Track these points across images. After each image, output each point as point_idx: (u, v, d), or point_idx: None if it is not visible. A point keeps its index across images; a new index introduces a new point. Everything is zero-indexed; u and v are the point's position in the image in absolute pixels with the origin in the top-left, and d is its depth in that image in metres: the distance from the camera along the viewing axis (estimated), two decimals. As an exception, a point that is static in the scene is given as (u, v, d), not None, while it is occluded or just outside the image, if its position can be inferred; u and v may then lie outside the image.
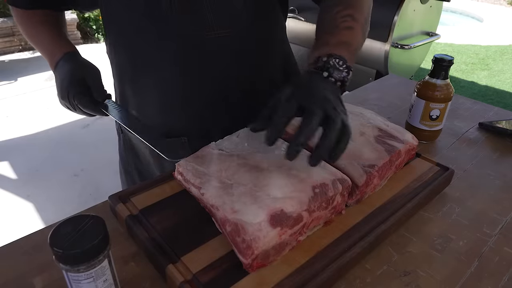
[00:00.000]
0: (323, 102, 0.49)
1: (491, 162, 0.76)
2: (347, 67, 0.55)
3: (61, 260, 0.37)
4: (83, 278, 0.38)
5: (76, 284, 0.39)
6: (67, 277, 0.38)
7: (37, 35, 0.75)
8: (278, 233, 0.46)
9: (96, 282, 0.39)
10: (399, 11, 2.18)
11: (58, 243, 0.37)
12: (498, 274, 0.51)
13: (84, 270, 0.38)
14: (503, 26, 5.36)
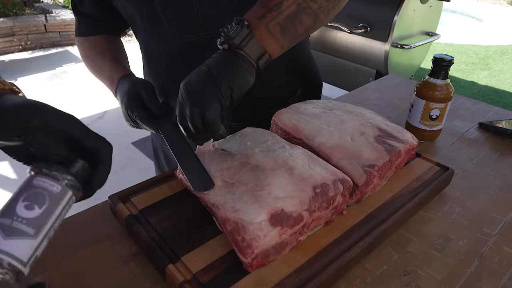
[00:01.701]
0: (183, 97, 0.52)
1: (491, 162, 0.76)
2: (238, 24, 0.52)
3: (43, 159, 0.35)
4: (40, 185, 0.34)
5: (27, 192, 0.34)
6: (27, 181, 0.35)
7: (99, 65, 0.81)
8: (278, 233, 0.46)
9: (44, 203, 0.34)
10: (399, 11, 2.18)
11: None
12: (498, 274, 0.51)
13: (53, 178, 0.35)
14: (503, 26, 5.36)
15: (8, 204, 0.32)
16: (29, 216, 0.32)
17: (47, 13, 4.30)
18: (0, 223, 0.30)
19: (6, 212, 0.31)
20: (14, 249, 0.30)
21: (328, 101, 0.76)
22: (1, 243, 0.30)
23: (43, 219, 0.33)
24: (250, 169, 0.54)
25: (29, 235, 0.31)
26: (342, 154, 0.59)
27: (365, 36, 2.32)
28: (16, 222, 0.31)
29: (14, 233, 0.30)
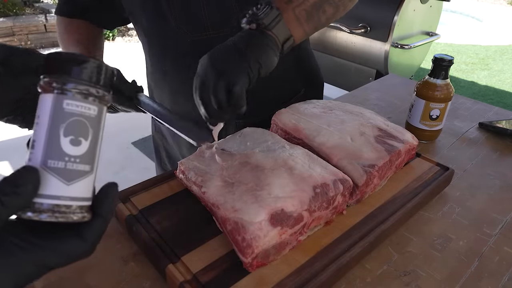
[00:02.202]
0: (209, 74, 0.51)
1: (491, 162, 0.76)
2: (266, 5, 0.53)
3: (64, 69, 0.28)
4: (79, 109, 0.29)
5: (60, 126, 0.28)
6: (53, 107, 0.28)
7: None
8: (278, 233, 0.46)
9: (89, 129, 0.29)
10: (399, 11, 2.18)
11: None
12: (498, 274, 0.51)
13: (86, 96, 0.29)
14: (503, 26, 5.36)
15: (47, 140, 0.28)
16: (79, 153, 0.29)
17: (47, 13, 4.30)
18: (54, 167, 0.28)
19: (53, 153, 0.28)
20: (78, 191, 0.29)
21: (328, 101, 0.76)
22: (65, 189, 0.28)
23: (92, 150, 0.30)
24: (250, 169, 0.54)
25: (87, 172, 0.29)
26: (342, 154, 0.59)
27: (365, 36, 2.32)
28: (69, 163, 0.28)
29: (73, 176, 0.28)
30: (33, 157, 0.28)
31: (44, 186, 0.27)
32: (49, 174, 0.27)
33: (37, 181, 0.26)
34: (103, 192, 0.31)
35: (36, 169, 0.27)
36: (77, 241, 0.28)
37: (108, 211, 0.30)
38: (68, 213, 0.28)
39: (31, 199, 0.26)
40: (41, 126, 0.28)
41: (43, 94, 0.29)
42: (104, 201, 0.30)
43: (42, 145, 0.28)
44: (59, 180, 0.28)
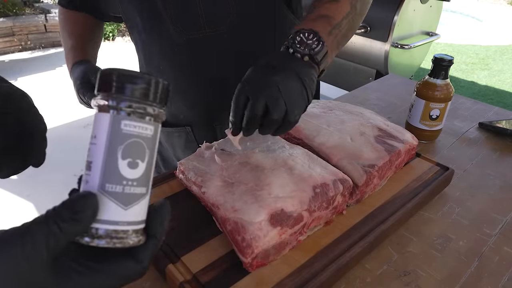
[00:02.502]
0: (267, 88, 0.49)
1: (491, 162, 0.76)
2: (318, 39, 0.54)
3: (121, 88, 0.27)
4: (136, 129, 0.27)
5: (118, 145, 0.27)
6: (111, 128, 0.27)
7: (66, 45, 0.84)
8: (278, 233, 0.46)
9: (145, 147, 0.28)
10: (399, 11, 2.18)
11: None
12: (498, 274, 0.51)
13: (142, 115, 0.27)
14: (503, 26, 5.36)
15: (105, 163, 0.27)
16: (136, 176, 0.28)
17: (47, 13, 4.30)
18: (112, 192, 0.27)
19: (111, 177, 0.27)
20: (134, 215, 0.28)
21: (328, 101, 0.76)
22: (123, 214, 0.27)
23: (148, 171, 0.29)
24: (250, 169, 0.54)
25: (143, 195, 0.28)
26: (342, 154, 0.59)
27: (365, 36, 2.32)
28: (127, 187, 0.27)
29: (130, 201, 0.27)
30: (90, 179, 0.27)
31: (102, 211, 0.27)
32: (106, 198, 0.27)
33: (95, 207, 0.26)
34: (157, 213, 0.30)
35: (94, 194, 0.26)
36: (132, 263, 0.28)
37: (162, 233, 0.30)
38: (124, 238, 0.27)
39: (89, 225, 0.26)
40: (98, 147, 0.27)
41: (100, 113, 0.28)
42: (158, 222, 0.30)
43: (99, 168, 0.27)
44: (116, 205, 0.27)
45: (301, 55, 0.54)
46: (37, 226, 0.24)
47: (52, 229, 0.24)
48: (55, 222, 0.24)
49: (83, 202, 0.25)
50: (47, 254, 0.24)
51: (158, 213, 0.30)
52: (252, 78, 0.52)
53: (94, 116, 0.28)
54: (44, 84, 3.32)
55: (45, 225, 0.24)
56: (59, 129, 2.63)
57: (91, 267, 0.26)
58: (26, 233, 0.23)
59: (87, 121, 2.65)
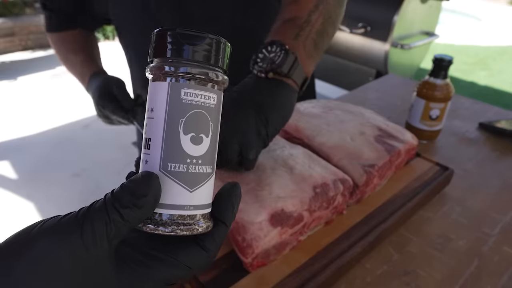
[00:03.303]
0: (225, 132, 0.45)
1: (491, 162, 0.76)
2: (280, 49, 0.48)
3: (179, 50, 0.23)
4: (200, 98, 0.24)
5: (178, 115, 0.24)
6: (170, 99, 0.24)
7: (71, 61, 0.82)
8: (278, 233, 0.46)
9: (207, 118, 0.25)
10: (399, 11, 2.18)
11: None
12: (497, 273, 0.51)
13: (205, 81, 0.24)
14: (503, 26, 5.36)
15: (166, 139, 0.24)
16: (201, 153, 0.24)
17: (47, 13, 4.30)
18: (175, 171, 0.24)
19: (173, 155, 0.24)
20: (201, 198, 0.25)
21: (328, 101, 0.76)
22: (188, 197, 0.24)
23: (213, 147, 0.25)
24: (250, 169, 0.54)
25: (209, 174, 0.25)
26: (342, 154, 0.60)
27: (365, 36, 2.32)
28: (192, 165, 0.24)
29: (196, 181, 0.24)
30: (150, 159, 0.24)
31: (166, 194, 0.24)
32: (170, 180, 0.24)
33: (158, 191, 0.23)
34: (227, 196, 0.27)
35: (156, 176, 0.23)
36: (200, 252, 0.25)
37: (231, 219, 0.27)
38: (192, 224, 0.24)
39: (152, 211, 0.23)
40: (156, 122, 0.24)
41: (155, 82, 0.24)
42: (228, 207, 0.27)
43: (159, 145, 0.24)
44: (181, 187, 0.24)
45: (264, 73, 0.48)
46: (96, 213, 0.22)
47: (112, 216, 0.21)
48: (115, 208, 0.21)
49: (145, 185, 0.22)
50: (108, 244, 0.22)
51: (228, 196, 0.27)
52: (226, 122, 0.46)
53: (149, 87, 0.25)
54: (44, 84, 3.32)
55: (104, 212, 0.21)
56: (59, 129, 2.64)
57: (155, 257, 0.24)
58: (85, 221, 0.21)
59: (87, 121, 2.66)
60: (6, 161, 2.31)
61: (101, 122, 0.80)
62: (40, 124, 2.69)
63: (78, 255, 0.21)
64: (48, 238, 0.21)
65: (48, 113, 2.81)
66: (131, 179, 0.23)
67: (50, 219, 0.22)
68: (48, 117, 2.77)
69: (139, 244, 0.24)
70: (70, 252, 0.21)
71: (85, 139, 2.53)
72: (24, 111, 2.88)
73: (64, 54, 0.83)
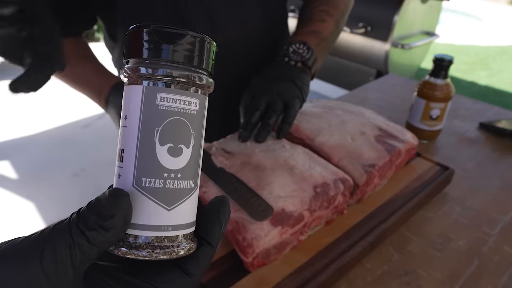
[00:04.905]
0: (272, 92, 0.60)
1: (491, 162, 0.76)
2: (307, 48, 0.65)
3: (156, 50, 0.21)
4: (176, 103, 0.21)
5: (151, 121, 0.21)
6: (144, 105, 0.21)
7: (79, 73, 0.71)
8: (279, 232, 0.46)
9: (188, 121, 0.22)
10: (400, 11, 2.18)
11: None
12: (498, 273, 0.51)
13: (185, 85, 0.21)
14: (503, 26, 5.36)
15: (140, 150, 0.21)
16: (181, 165, 0.21)
17: (47, 13, 4.29)
18: (150, 187, 0.21)
19: (148, 168, 0.21)
20: (182, 216, 0.22)
21: (328, 101, 0.76)
22: (166, 216, 0.21)
23: (195, 158, 0.22)
24: (251, 169, 0.54)
25: (191, 190, 0.22)
26: (342, 154, 0.60)
27: (365, 35, 2.32)
28: (170, 180, 0.21)
29: (175, 198, 0.21)
30: (123, 173, 0.21)
31: (140, 213, 0.21)
32: (144, 197, 0.21)
33: (128, 211, 0.20)
34: (214, 213, 0.24)
35: (125, 194, 0.20)
36: (182, 277, 0.22)
37: (219, 238, 0.24)
38: (171, 247, 0.21)
39: (123, 233, 0.20)
40: (130, 131, 0.21)
41: (130, 86, 0.22)
42: (216, 225, 0.24)
43: (133, 157, 0.21)
44: (158, 205, 0.21)
45: (294, 62, 0.65)
46: (59, 235, 0.19)
47: (77, 239, 0.19)
48: (79, 230, 0.19)
49: (112, 204, 0.20)
50: (73, 270, 0.19)
51: (215, 212, 0.24)
52: (255, 85, 0.63)
53: (123, 92, 0.22)
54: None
55: (68, 234, 0.19)
56: (59, 129, 2.64)
57: (130, 283, 0.21)
58: (46, 244, 0.19)
59: (87, 121, 2.66)
60: (6, 161, 2.31)
61: (101, 123, 0.77)
62: (40, 124, 2.69)
63: (37, 283, 0.18)
64: (3, 264, 0.18)
65: (48, 113, 2.82)
66: (98, 197, 0.20)
67: (11, 241, 0.19)
68: (48, 117, 2.77)
69: (112, 269, 0.22)
70: (28, 280, 0.18)
71: (85, 139, 2.53)
72: (24, 111, 2.88)
73: (69, 67, 0.70)
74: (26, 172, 2.22)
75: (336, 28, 0.74)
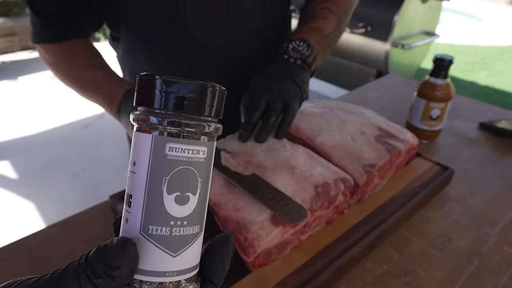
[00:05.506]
0: (272, 91, 0.60)
1: (491, 162, 0.76)
2: (307, 45, 0.65)
3: (165, 100, 0.21)
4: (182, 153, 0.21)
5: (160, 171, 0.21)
6: (153, 154, 0.21)
7: (88, 78, 0.70)
8: (280, 232, 0.47)
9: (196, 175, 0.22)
10: (400, 11, 2.18)
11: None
12: (498, 273, 0.51)
13: (194, 135, 0.22)
14: (503, 26, 5.36)
15: (147, 198, 0.22)
16: (187, 213, 0.22)
17: (47, 13, 4.29)
18: (157, 235, 0.21)
19: (155, 217, 0.21)
20: (186, 261, 0.22)
21: (328, 101, 0.76)
22: (171, 262, 0.22)
23: (202, 205, 0.23)
24: (251, 169, 0.54)
25: (196, 235, 0.23)
26: (342, 154, 0.60)
27: (365, 35, 2.32)
28: (176, 228, 0.22)
29: (180, 245, 0.22)
30: (130, 218, 0.22)
31: (146, 260, 0.21)
32: (151, 244, 0.21)
33: (135, 261, 0.21)
34: (217, 253, 0.24)
35: (132, 244, 0.21)
36: None
37: (222, 277, 0.24)
38: None
39: (128, 280, 0.21)
40: (138, 178, 0.22)
41: (139, 132, 0.22)
42: (218, 264, 0.24)
43: (140, 205, 0.21)
44: (163, 252, 0.22)
45: (294, 60, 0.65)
46: (68, 279, 0.20)
47: (84, 286, 0.20)
48: (87, 277, 0.20)
49: (119, 255, 0.20)
50: None
51: (218, 252, 0.24)
52: (255, 84, 0.63)
53: (133, 137, 0.22)
54: (44, 84, 3.32)
55: (76, 280, 0.20)
56: (59, 129, 2.64)
57: None
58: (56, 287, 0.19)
59: (87, 121, 2.66)
60: (6, 161, 2.31)
61: (101, 123, 0.77)
62: (40, 124, 2.69)
63: None
64: None
65: (48, 113, 2.82)
66: (106, 244, 0.21)
67: (24, 281, 0.20)
68: (48, 117, 2.77)
69: None
70: None
71: (85, 139, 2.53)
72: (24, 111, 2.88)
73: (74, 69, 0.70)
74: (26, 172, 2.22)
75: (338, 26, 0.74)
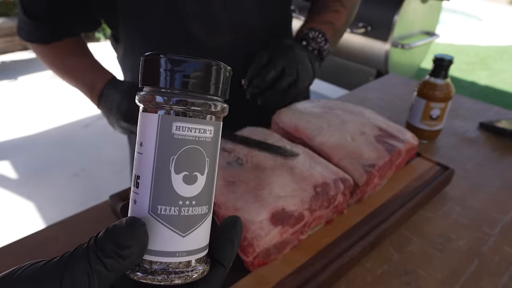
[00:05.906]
0: (290, 58, 0.62)
1: (491, 162, 0.76)
2: (325, 39, 0.68)
3: (171, 79, 0.21)
4: (193, 132, 0.21)
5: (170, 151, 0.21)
6: (159, 133, 0.21)
7: (73, 68, 0.71)
8: (279, 232, 0.46)
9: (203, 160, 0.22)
10: (400, 11, 2.18)
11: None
12: (498, 273, 0.51)
13: (201, 113, 0.22)
14: (503, 26, 5.36)
15: (155, 178, 0.21)
16: (195, 193, 0.22)
17: (47, 13, 4.29)
18: (165, 215, 0.21)
19: (163, 197, 0.21)
20: (196, 242, 0.22)
21: (328, 101, 0.76)
22: (181, 242, 0.22)
23: (209, 185, 0.23)
24: (251, 168, 0.54)
25: (205, 215, 0.23)
26: (342, 154, 0.60)
27: (365, 35, 2.32)
28: (184, 207, 0.22)
29: (189, 225, 0.22)
30: (138, 199, 0.22)
31: (156, 240, 0.21)
32: (160, 224, 0.21)
33: (144, 240, 0.21)
34: (226, 234, 0.24)
35: (142, 224, 0.21)
36: None
37: (231, 259, 0.24)
38: (185, 271, 0.22)
39: (139, 260, 0.21)
40: (145, 158, 0.21)
41: (145, 113, 0.22)
42: (228, 247, 0.24)
43: (148, 185, 0.21)
44: (173, 232, 0.22)
45: (312, 49, 0.67)
46: (77, 261, 0.20)
47: (95, 266, 0.20)
48: (98, 258, 0.20)
49: (129, 235, 0.20)
50: None
51: (227, 234, 0.24)
52: (275, 45, 0.64)
53: (139, 118, 0.22)
54: (44, 84, 3.32)
55: (87, 261, 0.20)
56: (59, 129, 2.64)
57: None
58: (66, 271, 0.19)
59: (87, 121, 2.66)
60: (6, 161, 2.31)
61: (101, 123, 0.78)
62: (40, 124, 2.69)
63: None
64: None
65: (48, 113, 2.82)
66: (115, 225, 0.21)
67: (32, 265, 0.20)
68: (48, 117, 2.77)
69: None
70: None
71: (85, 139, 2.53)
72: (24, 111, 2.88)
73: (60, 60, 0.71)
74: (26, 172, 2.22)
75: (347, 21, 0.75)
